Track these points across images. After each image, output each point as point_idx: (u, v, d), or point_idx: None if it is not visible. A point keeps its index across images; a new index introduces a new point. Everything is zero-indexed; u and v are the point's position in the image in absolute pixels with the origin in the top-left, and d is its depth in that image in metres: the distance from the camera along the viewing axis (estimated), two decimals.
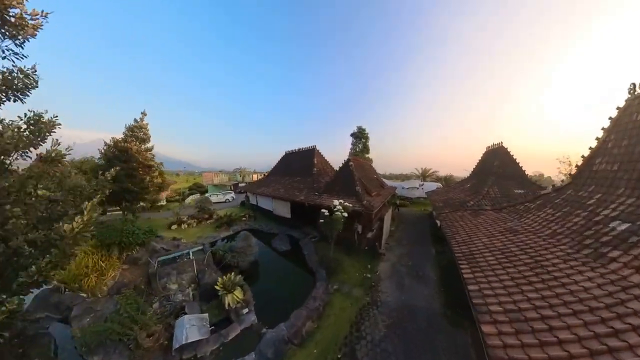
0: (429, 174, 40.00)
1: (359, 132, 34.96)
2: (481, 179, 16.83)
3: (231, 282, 8.59)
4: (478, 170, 19.19)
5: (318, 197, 14.51)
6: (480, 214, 10.25)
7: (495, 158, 16.90)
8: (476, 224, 9.12)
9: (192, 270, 10.15)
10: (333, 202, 10.86)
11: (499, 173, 15.84)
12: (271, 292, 10.08)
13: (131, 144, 15.55)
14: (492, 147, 18.89)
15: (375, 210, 11.02)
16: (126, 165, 14.98)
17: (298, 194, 16.96)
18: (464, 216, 10.39)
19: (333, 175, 16.82)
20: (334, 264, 10.99)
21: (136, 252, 11.52)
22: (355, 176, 13.66)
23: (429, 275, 10.47)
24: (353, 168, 14.20)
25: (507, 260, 6.08)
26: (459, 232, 8.64)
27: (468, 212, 10.90)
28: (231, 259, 11.15)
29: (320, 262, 11.45)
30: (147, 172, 16.83)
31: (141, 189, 16.02)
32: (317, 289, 9.34)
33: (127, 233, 11.18)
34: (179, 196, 34.86)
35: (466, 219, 9.97)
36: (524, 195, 14.21)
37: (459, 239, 8.00)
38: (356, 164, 15.49)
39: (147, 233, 12.51)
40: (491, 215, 9.69)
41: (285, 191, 18.96)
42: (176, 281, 9.48)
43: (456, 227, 9.22)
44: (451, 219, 10.45)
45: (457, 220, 10.16)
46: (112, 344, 6.37)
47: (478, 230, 8.39)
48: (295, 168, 22.34)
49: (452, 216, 10.89)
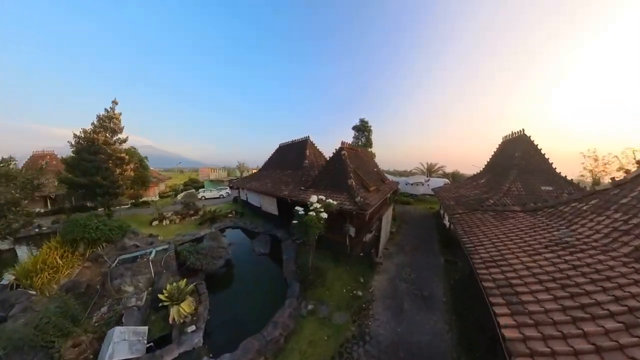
0: (434, 170, 36.84)
1: (362, 125, 32.22)
2: (499, 173, 14.01)
3: (179, 291, 7.13)
4: (494, 163, 16.28)
5: (303, 192, 12.11)
6: (507, 216, 7.62)
7: (516, 149, 14.01)
8: (505, 231, 6.51)
9: (149, 272, 8.90)
10: (310, 199, 8.48)
11: (522, 166, 12.99)
12: (236, 305, 8.35)
13: (99, 135, 13.91)
14: (511, 136, 15.92)
15: (371, 210, 8.57)
16: (94, 157, 13.61)
17: (284, 188, 14.59)
18: (486, 219, 7.77)
19: (322, 166, 14.27)
20: (314, 275, 8.61)
21: (102, 249, 10.59)
22: (349, 167, 11.14)
23: (437, 295, 7.94)
24: (346, 157, 11.67)
25: (574, 302, 3.55)
26: (483, 243, 6.05)
27: (490, 213, 8.27)
28: (195, 261, 9.42)
29: (297, 272, 9.06)
30: (118, 165, 15.12)
31: (111, 183, 14.44)
32: (283, 310, 7.01)
33: (90, 228, 10.30)
34: (173, 192, 33.35)
35: (489, 223, 7.37)
36: (555, 193, 11.44)
37: (484, 254, 5.44)
38: (350, 153, 12.95)
39: (116, 229, 11.45)
40: (524, 219, 7.05)
41: (272, 185, 16.62)
42: (131, 283, 8.32)
43: (477, 236, 6.64)
44: (468, 223, 7.86)
45: (476, 224, 7.56)
46: (32, 350, 5.52)
47: (510, 241, 5.79)
48: (288, 161, 19.97)
49: (469, 219, 8.28)
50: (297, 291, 7.97)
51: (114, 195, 15.25)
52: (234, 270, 11.08)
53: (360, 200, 9.05)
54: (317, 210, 8.09)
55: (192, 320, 6.69)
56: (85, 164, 13.49)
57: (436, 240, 12.98)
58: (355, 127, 32.26)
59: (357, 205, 8.82)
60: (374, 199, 10.20)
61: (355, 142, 33.85)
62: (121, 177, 14.92)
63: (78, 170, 13.57)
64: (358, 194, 9.76)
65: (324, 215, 7.85)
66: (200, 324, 6.56)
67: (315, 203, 8.27)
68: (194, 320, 6.69)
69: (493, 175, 14.36)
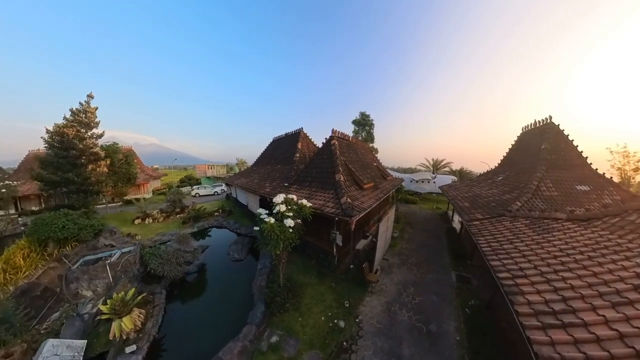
0: (440, 166, 34.06)
1: (362, 119, 29.79)
2: (521, 170, 11.59)
3: (123, 303, 6.05)
4: (512, 158, 13.77)
5: (285, 189, 10.07)
6: (549, 227, 5.34)
7: (543, 140, 11.51)
8: (554, 252, 4.25)
9: (107, 277, 7.93)
10: (275, 198, 6.47)
11: (551, 161, 10.55)
12: (195, 321, 6.99)
13: (69, 130, 12.61)
14: (534, 125, 13.35)
15: (358, 217, 6.39)
16: (66, 153, 12.46)
17: (268, 185, 12.60)
18: (519, 230, 5.49)
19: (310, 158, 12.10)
20: (285, 295, 6.66)
21: (70, 249, 9.95)
22: (338, 160, 8.98)
23: (447, 331, 5.74)
24: (336, 148, 9.50)
25: None
26: (526, 272, 3.80)
27: (522, 221, 5.98)
28: (156, 266, 8.23)
29: (266, 289, 7.14)
30: (92, 161, 13.75)
31: (84, 180, 13.05)
32: (234, 343, 5.17)
33: (55, 227, 9.61)
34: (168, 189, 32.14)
35: (525, 236, 5.10)
36: (593, 194, 9.02)
37: (534, 298, 3.23)
38: (342, 143, 10.74)
39: (87, 228, 10.70)
40: (577, 234, 4.78)
41: (258, 182, 14.66)
42: (89, 288, 7.58)
43: (511, 257, 4.40)
44: (494, 235, 5.58)
45: (506, 237, 5.29)
46: None
47: (570, 273, 3.57)
48: (279, 155, 17.98)
49: (495, 229, 5.98)
50: (259, 316, 6.13)
51: (89, 193, 13.84)
52: (205, 277, 9.57)
53: (347, 202, 6.87)
54: (283, 214, 6.05)
55: (137, 337, 5.70)
56: (58, 160, 12.43)
57: (445, 248, 10.71)
58: (356, 121, 29.87)
59: (342, 208, 6.67)
60: (368, 200, 7.99)
61: (355, 137, 31.50)
62: (93, 173, 13.39)
63: (51, 166, 12.46)
64: (346, 192, 7.62)
65: (290, 222, 5.78)
66: (143, 344, 5.50)
67: (280, 205, 6.21)
68: (138, 338, 5.65)
69: (513, 172, 11.93)
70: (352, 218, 6.05)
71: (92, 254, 9.52)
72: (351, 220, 6.02)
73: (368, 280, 7.61)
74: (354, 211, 6.34)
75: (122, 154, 18.63)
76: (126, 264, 8.60)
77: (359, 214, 6.33)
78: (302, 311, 6.57)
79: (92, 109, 13.96)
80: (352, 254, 9.39)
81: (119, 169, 17.74)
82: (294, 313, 6.48)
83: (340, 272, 8.31)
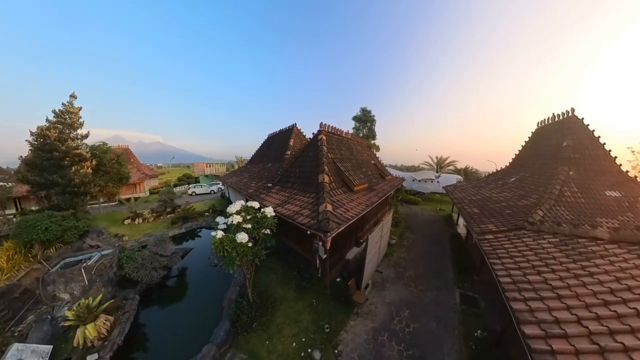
0: (445, 164, 32.13)
1: (363, 115, 28.22)
2: (537, 171, 10.04)
3: (88, 309, 5.80)
4: (527, 156, 12.13)
5: (266, 191, 8.91)
6: (594, 255, 3.94)
7: (564, 136, 9.91)
8: (611, 300, 2.93)
9: (83, 280, 7.72)
10: (229, 207, 5.44)
11: (574, 161, 8.98)
12: (164, 331, 6.46)
13: (51, 132, 12.30)
14: (554, 119, 11.66)
15: (336, 232, 5.04)
16: (49, 155, 12.17)
17: (253, 185, 11.49)
18: (546, 252, 4.10)
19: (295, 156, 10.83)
20: (253, 312, 5.75)
21: (55, 250, 9.85)
22: (324, 158, 7.68)
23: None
24: (323, 144, 8.19)
25: None
26: (570, 337, 2.52)
27: (548, 238, 4.59)
28: (131, 271, 7.92)
29: (234, 304, 6.27)
30: (76, 162, 13.40)
31: (68, 181, 12.76)
32: None
33: (38, 229, 9.49)
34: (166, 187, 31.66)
35: (556, 263, 3.72)
36: (626, 202, 7.49)
37: None
38: (332, 139, 9.35)
39: (71, 229, 10.60)
40: (632, 265, 3.43)
41: (247, 181, 13.57)
42: (65, 291, 7.43)
43: (544, 300, 3.08)
44: (515, 260, 4.17)
45: (530, 262, 3.93)
46: None
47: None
48: (272, 152, 16.83)
49: (514, 247, 4.58)
50: (222, 335, 5.37)
51: (75, 194, 13.42)
52: (184, 283, 8.98)
53: (325, 210, 5.55)
54: (239, 226, 5.08)
55: (102, 345, 5.42)
56: (42, 162, 12.27)
57: (449, 259, 9.32)
58: (356, 117, 28.30)
59: (317, 219, 5.39)
60: (355, 207, 6.64)
61: (356, 133, 29.96)
62: (77, 175, 12.88)
63: (37, 169, 12.34)
64: (328, 197, 6.36)
65: (242, 237, 4.71)
66: (105, 353, 5.17)
67: (235, 215, 5.17)
68: (103, 346, 5.36)
69: (528, 173, 10.38)
70: (328, 235, 4.73)
71: (72, 256, 9.31)
72: (326, 237, 4.73)
73: (354, 301, 6.38)
74: (331, 224, 4.97)
75: (113, 154, 18.15)
76: (101, 267, 8.30)
77: (337, 227, 5.01)
78: (272, 332, 5.54)
79: (75, 110, 13.54)
80: (340, 265, 8.17)
81: (110, 168, 17.21)
82: (262, 334, 5.49)
83: (323, 287, 7.12)
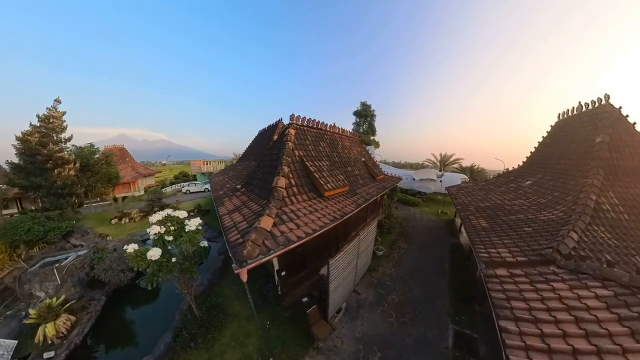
0: (449, 162, 29.52)
1: (363, 109, 26.16)
2: (560, 172, 8.02)
3: (47, 309, 5.93)
4: (545, 155, 9.97)
5: (232, 193, 7.49)
6: None
7: (597, 130, 7.80)
8: None
9: (56, 279, 7.86)
10: (151, 217, 4.82)
11: (612, 162, 6.92)
12: (123, 332, 6.65)
13: (32, 137, 12.49)
14: (581, 109, 9.46)
15: (267, 258, 3.45)
16: (33, 159, 12.46)
17: (228, 186, 10.10)
18: (603, 328, 2.44)
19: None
20: (196, 329, 5.24)
21: (38, 250, 10.22)
22: (286, 157, 6.05)
23: None
24: (289, 140, 6.55)
25: None
26: None
27: (596, 288, 2.86)
28: (99, 272, 7.95)
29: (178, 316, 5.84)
30: (59, 165, 13.54)
31: (51, 184, 13.01)
32: None
33: (21, 230, 9.86)
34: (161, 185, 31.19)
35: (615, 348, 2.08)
36: None
37: None
38: (305, 133, 7.59)
39: (54, 229, 10.85)
40: None
41: (227, 181, 12.23)
42: (41, 289, 7.63)
43: None
44: (542, 330, 2.50)
45: (569, 353, 2.28)
46: None
47: None
48: (257, 149, 15.47)
49: (541, 307, 2.82)
50: (162, 348, 5.06)
51: (60, 196, 13.48)
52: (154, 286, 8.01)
53: (259, 228, 3.90)
54: (161, 238, 4.47)
55: (62, 343, 5.65)
56: (27, 166, 12.68)
57: (446, 279, 7.57)
58: (356, 112, 26.28)
59: (236, 243, 3.80)
60: (314, 221, 4.76)
61: (356, 129, 27.94)
62: (59, 177, 13.08)
63: (23, 172, 12.70)
64: (284, 205, 4.81)
65: (154, 254, 4.09)
66: (61, 351, 5.40)
67: (155, 226, 4.58)
68: (61, 345, 5.60)
69: (548, 176, 8.38)
70: (244, 265, 3.16)
71: (51, 255, 9.53)
72: (239, 270, 3.17)
73: (314, 335, 4.85)
74: (249, 250, 3.36)
75: (103, 155, 18.13)
76: (72, 268, 8.32)
77: (265, 254, 3.38)
78: (214, 353, 4.73)
79: (58, 114, 13.77)
80: (311, 281, 6.64)
81: (99, 169, 17.09)
82: (204, 354, 4.85)
83: (284, 307, 5.69)
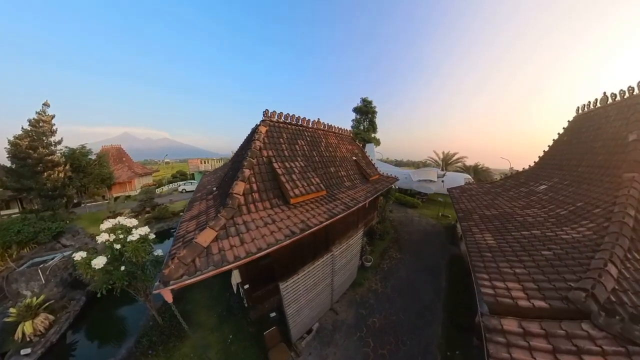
0: (452, 161, 27.73)
1: (364, 106, 24.90)
2: (580, 177, 6.72)
3: (26, 308, 6.07)
4: (565, 154, 8.55)
5: (206, 197, 6.68)
6: None
7: (630, 125, 6.39)
8: None
9: (41, 279, 7.93)
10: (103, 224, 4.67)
11: None
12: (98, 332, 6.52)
13: (22, 141, 12.59)
14: (606, 102, 8.01)
15: (190, 280, 2.68)
16: (23, 162, 12.52)
17: (209, 187, 9.32)
18: None
19: None
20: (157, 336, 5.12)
21: (29, 250, 10.35)
22: (250, 158, 5.13)
23: None
24: (259, 139, 5.60)
25: None
26: None
27: None
28: (79, 274, 7.88)
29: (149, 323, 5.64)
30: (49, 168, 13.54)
31: (41, 186, 13.09)
32: None
33: (11, 232, 10.04)
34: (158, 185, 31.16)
35: None
36: None
37: None
38: (281, 130, 6.67)
39: (45, 230, 10.97)
40: None
41: (210, 181, 11.46)
42: (27, 288, 7.74)
43: None
44: None
45: None
46: None
47: None
48: (243, 149, 14.49)
49: None
50: (123, 353, 5.02)
51: (50, 197, 13.53)
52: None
53: (195, 244, 3.09)
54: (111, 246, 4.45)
55: (39, 341, 5.72)
56: (18, 169, 12.84)
57: (441, 300, 6.48)
58: (357, 109, 25.02)
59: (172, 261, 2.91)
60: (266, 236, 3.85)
61: (356, 125, 26.74)
62: (49, 180, 13.13)
63: (15, 175, 12.88)
64: (238, 214, 3.92)
65: (98, 262, 4.10)
66: (37, 349, 5.51)
67: (104, 234, 4.59)
68: (38, 342, 5.67)
69: (567, 180, 7.07)
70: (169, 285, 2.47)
71: (39, 256, 9.66)
72: (161, 291, 2.55)
73: None
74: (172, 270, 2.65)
75: (97, 156, 18.32)
76: (55, 268, 8.43)
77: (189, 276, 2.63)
78: None
79: (47, 118, 13.83)
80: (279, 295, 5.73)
81: (92, 170, 17.21)
82: None
83: (249, 321, 4.89)
